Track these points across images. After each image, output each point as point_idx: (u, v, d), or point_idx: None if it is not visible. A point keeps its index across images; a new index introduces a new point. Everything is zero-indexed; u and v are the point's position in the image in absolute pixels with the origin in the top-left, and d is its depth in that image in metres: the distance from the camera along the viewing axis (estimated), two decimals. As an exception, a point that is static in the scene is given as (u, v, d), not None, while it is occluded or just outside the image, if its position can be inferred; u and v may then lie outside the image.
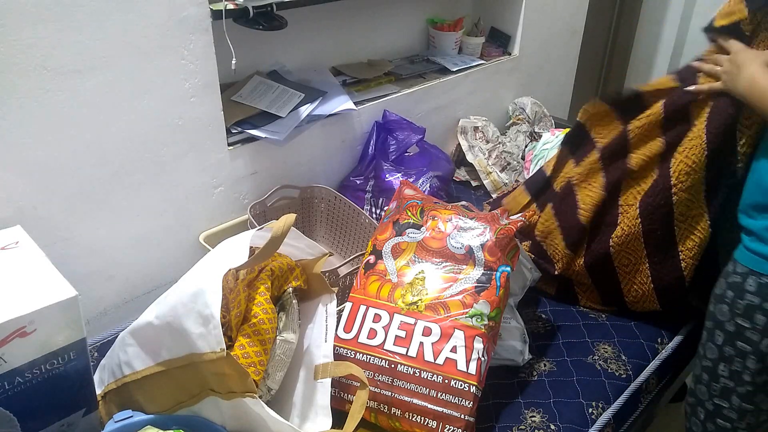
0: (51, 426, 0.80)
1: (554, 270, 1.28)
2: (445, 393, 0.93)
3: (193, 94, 1.15)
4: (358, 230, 1.35)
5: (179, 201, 1.22)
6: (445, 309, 0.97)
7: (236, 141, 1.28)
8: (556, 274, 1.28)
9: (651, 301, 1.21)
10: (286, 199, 1.37)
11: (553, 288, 1.32)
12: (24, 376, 0.74)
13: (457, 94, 1.79)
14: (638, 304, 1.24)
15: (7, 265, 0.80)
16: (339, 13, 1.53)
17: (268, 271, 0.90)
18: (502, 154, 1.78)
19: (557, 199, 1.28)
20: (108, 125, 1.05)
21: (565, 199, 1.26)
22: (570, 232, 1.24)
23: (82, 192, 1.07)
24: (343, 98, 1.44)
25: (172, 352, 0.79)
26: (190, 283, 0.79)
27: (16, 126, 0.95)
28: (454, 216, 1.08)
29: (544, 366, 1.14)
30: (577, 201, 1.23)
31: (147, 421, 0.80)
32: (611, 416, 1.06)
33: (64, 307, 0.74)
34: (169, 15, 1.06)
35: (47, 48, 0.93)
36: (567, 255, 1.25)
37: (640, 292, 1.21)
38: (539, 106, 1.98)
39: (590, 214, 1.22)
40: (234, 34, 1.17)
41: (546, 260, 1.30)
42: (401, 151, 1.52)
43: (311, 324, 0.98)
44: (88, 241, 1.11)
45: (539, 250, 1.31)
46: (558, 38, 2.15)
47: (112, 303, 1.20)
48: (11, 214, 0.99)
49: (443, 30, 1.80)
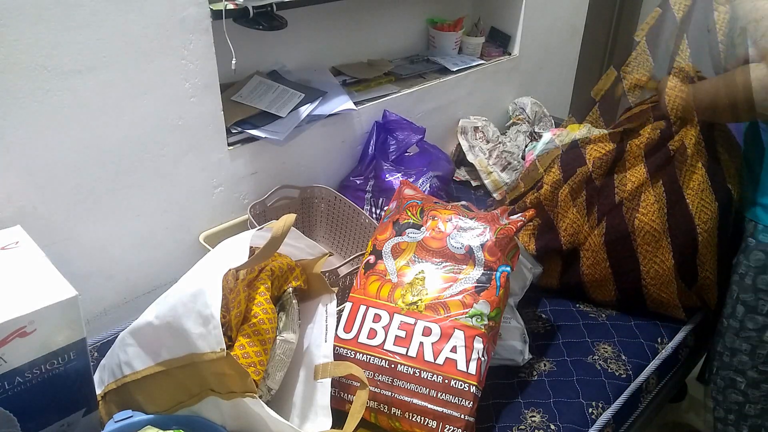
0: (51, 426, 0.80)
1: (561, 244, 1.26)
2: (445, 393, 0.93)
3: (193, 94, 1.15)
4: (358, 230, 1.35)
5: (179, 201, 1.22)
6: (445, 309, 0.97)
7: (236, 141, 1.28)
8: (564, 250, 1.27)
9: (670, 282, 1.20)
10: (286, 199, 1.37)
11: (556, 279, 1.31)
12: (24, 376, 0.74)
13: (457, 94, 1.79)
14: (655, 287, 1.22)
15: (7, 265, 0.80)
16: (339, 13, 1.53)
17: (268, 271, 0.90)
18: (503, 153, 1.78)
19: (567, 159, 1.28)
20: (108, 125, 1.05)
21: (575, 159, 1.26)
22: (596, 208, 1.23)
23: (82, 192, 1.07)
24: (343, 98, 1.44)
25: (172, 352, 0.79)
26: (190, 283, 0.79)
27: (16, 126, 0.95)
28: (454, 216, 1.08)
29: (544, 366, 1.14)
30: (614, 181, 1.23)
31: (147, 421, 0.80)
32: (611, 416, 1.06)
33: (64, 307, 0.74)
34: (169, 15, 1.06)
35: (47, 48, 0.93)
36: (584, 231, 1.24)
37: (660, 271, 1.20)
38: (539, 106, 1.98)
39: (601, 172, 1.22)
40: (234, 34, 1.17)
41: (553, 232, 1.28)
42: (401, 151, 1.52)
43: (311, 324, 0.98)
44: (88, 241, 1.11)
45: (547, 219, 1.29)
46: (558, 38, 2.15)
47: (112, 303, 1.20)
48: (11, 214, 0.99)
49: (443, 30, 1.80)
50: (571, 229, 1.26)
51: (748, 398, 1.16)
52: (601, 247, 1.23)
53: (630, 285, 1.23)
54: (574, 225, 1.26)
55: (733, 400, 1.19)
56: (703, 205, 1.17)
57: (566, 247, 1.27)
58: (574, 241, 1.26)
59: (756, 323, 1.12)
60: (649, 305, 1.26)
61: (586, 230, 1.24)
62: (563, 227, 1.27)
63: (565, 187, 1.26)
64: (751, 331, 1.12)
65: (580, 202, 1.25)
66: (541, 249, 1.29)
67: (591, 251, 1.24)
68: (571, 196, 1.26)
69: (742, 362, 1.14)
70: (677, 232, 1.17)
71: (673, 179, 1.18)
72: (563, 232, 1.27)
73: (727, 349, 1.17)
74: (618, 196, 1.21)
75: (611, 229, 1.21)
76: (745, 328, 1.12)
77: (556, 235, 1.28)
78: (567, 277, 1.30)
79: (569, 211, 1.26)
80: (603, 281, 1.26)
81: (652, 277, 1.20)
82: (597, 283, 1.27)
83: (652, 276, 1.20)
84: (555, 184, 1.28)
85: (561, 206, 1.27)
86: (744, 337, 1.13)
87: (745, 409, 1.17)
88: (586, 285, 1.28)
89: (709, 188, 1.17)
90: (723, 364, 1.19)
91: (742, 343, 1.14)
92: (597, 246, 1.23)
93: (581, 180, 1.25)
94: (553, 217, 1.28)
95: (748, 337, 1.13)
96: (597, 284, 1.28)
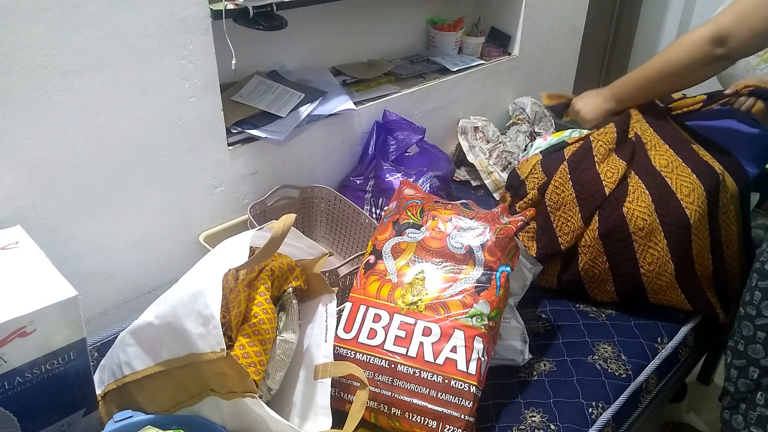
0: (51, 426, 0.80)
1: (560, 245, 1.27)
2: (445, 393, 0.93)
3: (193, 94, 1.15)
4: (358, 230, 1.35)
5: (179, 201, 1.22)
6: (445, 309, 0.97)
7: (236, 141, 1.28)
8: (563, 252, 1.28)
9: (666, 264, 1.20)
10: (286, 199, 1.37)
11: (555, 278, 1.31)
12: (24, 376, 0.74)
13: (457, 94, 1.79)
14: (654, 273, 1.22)
15: (7, 265, 0.80)
16: (339, 13, 1.53)
17: (268, 271, 0.90)
18: (503, 153, 1.78)
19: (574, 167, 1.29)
20: (108, 125, 1.05)
21: (585, 170, 1.28)
22: (587, 204, 1.26)
23: (82, 192, 1.07)
24: (343, 98, 1.44)
25: (172, 352, 0.79)
26: (190, 283, 0.79)
27: (16, 126, 0.95)
28: (454, 216, 1.08)
29: (544, 366, 1.14)
30: (599, 174, 1.26)
31: (147, 421, 0.80)
32: (611, 416, 1.06)
33: (64, 307, 0.74)
34: (169, 15, 1.06)
35: (47, 48, 0.93)
36: (579, 228, 1.25)
37: (655, 254, 1.20)
38: (539, 106, 1.98)
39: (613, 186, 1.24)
40: (234, 34, 1.17)
41: (550, 233, 1.29)
42: (401, 151, 1.52)
43: (311, 324, 0.98)
44: (88, 241, 1.11)
45: (543, 222, 1.31)
46: (558, 38, 2.15)
47: (112, 303, 1.20)
48: (11, 214, 0.99)
49: (443, 30, 1.80)
50: (567, 227, 1.27)
51: (760, 387, 1.15)
52: (596, 240, 1.24)
53: (629, 277, 1.23)
54: (569, 223, 1.27)
55: (744, 389, 1.17)
56: (681, 180, 1.20)
57: (565, 247, 1.27)
58: (571, 240, 1.26)
59: None
60: (649, 295, 1.25)
61: (581, 226, 1.25)
62: (558, 226, 1.28)
63: (550, 186, 1.29)
64: (765, 318, 1.11)
65: (570, 199, 1.27)
66: (541, 253, 1.29)
67: (588, 247, 1.25)
68: (559, 194, 1.28)
69: (756, 351, 1.13)
70: (664, 213, 1.19)
71: (647, 164, 1.24)
72: (559, 232, 1.28)
73: (742, 338, 1.16)
74: (607, 188, 1.24)
75: (603, 221, 1.23)
76: (762, 316, 1.11)
77: (555, 237, 1.28)
78: (566, 276, 1.30)
79: (560, 209, 1.28)
80: (602, 277, 1.26)
81: (649, 262, 1.21)
82: (596, 280, 1.28)
83: (649, 261, 1.21)
84: (541, 187, 1.31)
85: (551, 207, 1.29)
86: (760, 325, 1.12)
87: (756, 398, 1.16)
88: (585, 282, 1.28)
89: (682, 164, 1.22)
90: (738, 352, 1.17)
91: (757, 332, 1.13)
92: (593, 240, 1.24)
93: (563, 176, 1.28)
94: (547, 220, 1.30)
95: (764, 326, 1.12)
96: (596, 281, 1.28)
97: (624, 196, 1.22)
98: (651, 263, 1.21)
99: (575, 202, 1.26)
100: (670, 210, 1.18)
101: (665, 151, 1.25)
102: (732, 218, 1.25)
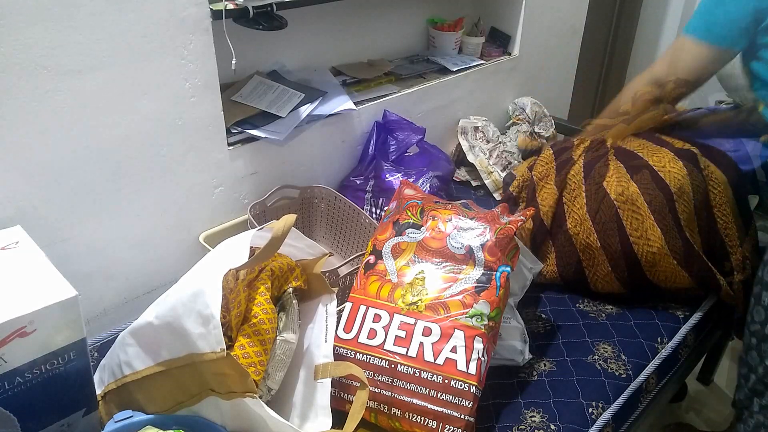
0: (51, 426, 0.80)
1: (541, 215, 1.34)
2: (445, 393, 0.93)
3: (193, 94, 1.15)
4: (358, 230, 1.35)
5: (179, 201, 1.22)
6: (445, 309, 0.97)
7: (236, 141, 1.28)
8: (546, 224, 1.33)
9: (656, 233, 1.20)
10: (286, 199, 1.37)
11: (553, 266, 1.31)
12: (24, 376, 0.74)
13: (457, 94, 1.79)
14: (643, 241, 1.22)
15: (7, 265, 0.80)
16: (339, 13, 1.53)
17: (268, 271, 0.90)
18: (503, 153, 1.78)
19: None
20: (108, 125, 1.05)
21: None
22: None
23: (82, 192, 1.07)
24: (343, 98, 1.44)
25: (172, 352, 0.79)
26: (190, 283, 0.79)
27: (16, 126, 0.95)
28: (454, 216, 1.08)
29: (544, 366, 1.14)
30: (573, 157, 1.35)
31: (147, 421, 0.80)
32: (611, 416, 1.06)
33: (64, 307, 0.74)
34: (169, 15, 1.06)
35: (47, 48, 0.93)
36: (553, 196, 1.32)
37: (640, 219, 1.22)
38: (539, 106, 1.98)
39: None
40: (234, 34, 1.17)
41: (533, 203, 1.36)
42: (401, 151, 1.52)
43: (311, 324, 0.98)
44: (88, 241, 1.11)
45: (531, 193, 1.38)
46: (558, 38, 2.15)
47: (112, 303, 1.20)
48: (11, 214, 0.99)
49: (443, 30, 1.80)
50: (551, 200, 1.33)
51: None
52: (585, 217, 1.27)
53: (621, 249, 1.23)
54: (551, 198, 1.33)
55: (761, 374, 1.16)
56: (654, 154, 1.27)
57: (546, 217, 1.32)
58: (553, 214, 1.32)
59: (760, 315, 1.10)
60: (645, 268, 1.24)
61: (569, 199, 1.31)
62: (540, 200, 1.34)
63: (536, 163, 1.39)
64: (757, 324, 1.10)
65: (551, 175, 1.35)
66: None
67: (578, 226, 1.28)
68: (541, 173, 1.36)
69: (752, 358, 1.12)
70: (639, 179, 1.23)
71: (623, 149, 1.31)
72: (541, 204, 1.34)
73: (744, 345, 1.16)
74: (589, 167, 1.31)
75: (590, 195, 1.28)
76: (753, 321, 1.10)
77: (537, 205, 1.34)
78: (563, 261, 1.30)
79: (545, 187, 1.35)
80: (596, 259, 1.27)
81: (635, 228, 1.23)
82: (592, 262, 1.28)
83: (635, 228, 1.23)
84: (523, 177, 1.41)
85: (538, 184, 1.36)
86: (753, 331, 1.12)
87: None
88: (585, 266, 1.28)
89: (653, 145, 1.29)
90: (741, 360, 1.16)
91: (752, 339, 1.12)
92: (582, 218, 1.28)
93: (548, 155, 1.39)
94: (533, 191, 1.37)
95: (755, 332, 1.11)
96: (593, 263, 1.28)
97: (605, 174, 1.27)
98: (637, 228, 1.22)
99: (555, 171, 1.35)
100: (646, 176, 1.23)
101: (638, 140, 1.34)
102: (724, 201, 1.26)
